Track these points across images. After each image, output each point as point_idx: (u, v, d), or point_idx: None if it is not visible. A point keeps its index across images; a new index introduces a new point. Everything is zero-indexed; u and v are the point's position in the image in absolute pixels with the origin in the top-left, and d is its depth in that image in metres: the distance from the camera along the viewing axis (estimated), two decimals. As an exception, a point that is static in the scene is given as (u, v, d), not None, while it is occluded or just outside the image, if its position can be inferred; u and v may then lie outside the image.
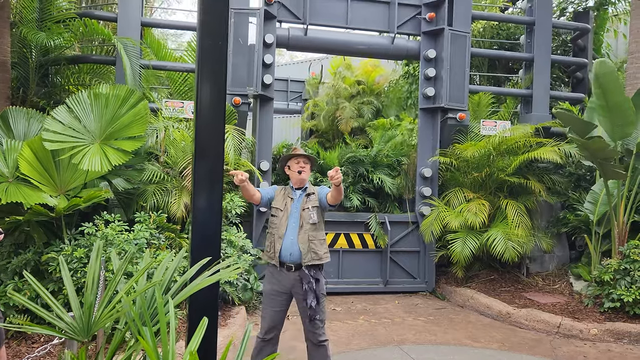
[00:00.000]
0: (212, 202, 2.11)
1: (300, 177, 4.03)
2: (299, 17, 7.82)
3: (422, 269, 8.16)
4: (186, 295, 1.74)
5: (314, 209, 4.04)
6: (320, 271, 4.03)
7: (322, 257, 4.01)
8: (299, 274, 3.95)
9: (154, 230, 5.72)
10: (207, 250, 2.08)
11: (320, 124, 13.30)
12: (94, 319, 1.60)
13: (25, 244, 5.30)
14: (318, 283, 3.97)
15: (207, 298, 2.02)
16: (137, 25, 7.26)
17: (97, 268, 1.76)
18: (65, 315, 1.61)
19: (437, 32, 8.10)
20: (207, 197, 2.09)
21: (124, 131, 5.95)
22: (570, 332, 6.22)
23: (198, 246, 2.09)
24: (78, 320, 1.62)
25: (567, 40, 10.07)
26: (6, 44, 6.41)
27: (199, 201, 2.11)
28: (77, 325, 1.60)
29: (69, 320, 1.60)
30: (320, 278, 4.01)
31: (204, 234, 2.11)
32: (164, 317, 1.49)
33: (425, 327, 6.46)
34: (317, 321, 4.02)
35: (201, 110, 2.11)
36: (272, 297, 4.08)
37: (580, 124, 6.66)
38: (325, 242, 4.11)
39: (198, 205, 2.11)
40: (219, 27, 2.10)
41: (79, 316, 1.62)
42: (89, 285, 1.69)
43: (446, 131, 8.13)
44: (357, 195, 8.24)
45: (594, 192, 7.46)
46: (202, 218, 2.11)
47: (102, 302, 1.67)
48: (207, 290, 2.00)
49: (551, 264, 8.35)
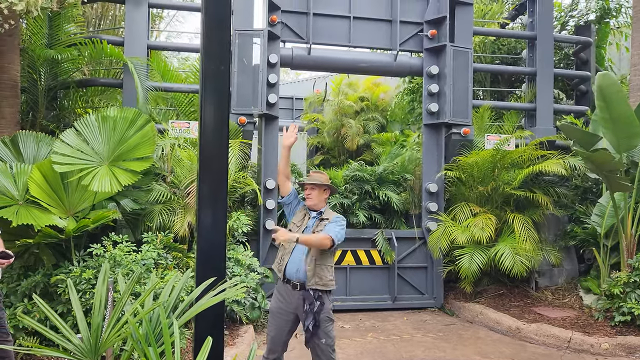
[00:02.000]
0: (217, 221, 2.14)
1: (307, 203, 4.14)
2: (302, 37, 7.93)
3: (430, 284, 8.13)
4: (191, 316, 1.76)
5: None
6: (327, 295, 4.00)
7: (327, 284, 3.97)
8: (302, 294, 3.93)
9: (161, 250, 5.76)
10: (212, 269, 2.11)
11: (325, 140, 13.37)
12: (101, 340, 1.63)
13: (34, 266, 5.35)
14: (322, 307, 3.93)
15: (213, 317, 2.04)
16: (144, 48, 7.39)
17: (104, 290, 1.80)
18: (73, 337, 1.64)
19: (439, 48, 8.17)
20: (212, 217, 2.13)
21: (132, 152, 6.03)
22: (581, 347, 6.16)
23: (203, 266, 2.11)
24: (86, 341, 1.65)
25: (569, 54, 10.12)
26: (16, 70, 6.54)
27: (203, 221, 2.14)
28: (85, 347, 1.63)
29: (77, 342, 1.63)
30: (325, 302, 3.97)
31: (209, 254, 2.14)
32: (168, 339, 1.52)
33: (435, 343, 6.41)
34: (326, 346, 3.95)
35: (205, 132, 2.15)
36: (277, 315, 4.09)
37: (584, 136, 6.68)
38: (332, 269, 4.07)
39: (203, 225, 2.14)
40: (221, 52, 2.16)
41: (87, 338, 1.65)
42: (96, 307, 1.73)
43: (451, 146, 8.16)
44: (364, 212, 8.25)
45: (600, 205, 7.44)
46: (207, 237, 2.14)
47: (110, 323, 1.71)
48: (213, 310, 2.02)
49: (560, 278, 8.29)
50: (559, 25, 10.57)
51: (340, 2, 8.08)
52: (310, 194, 4.11)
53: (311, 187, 4.12)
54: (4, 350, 3.77)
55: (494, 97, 10.31)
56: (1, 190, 5.27)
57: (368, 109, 13.69)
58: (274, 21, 7.60)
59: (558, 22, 10.55)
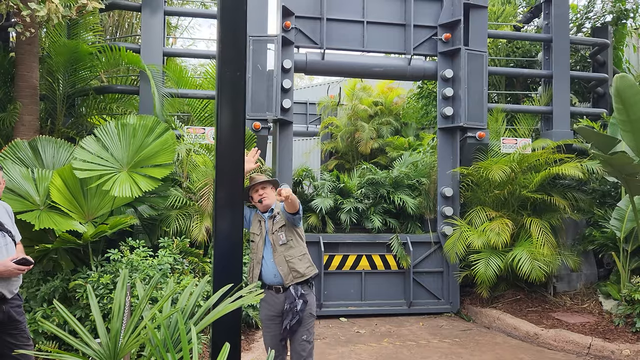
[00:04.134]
0: (233, 229, 2.15)
1: (263, 205, 4.05)
2: (315, 42, 7.95)
3: (446, 289, 8.07)
4: (209, 322, 1.77)
5: (282, 229, 3.99)
6: (310, 289, 4.01)
7: (305, 273, 3.95)
8: (285, 295, 3.92)
9: (177, 255, 5.79)
10: (228, 276, 2.12)
11: (339, 145, 13.38)
12: (120, 345, 1.64)
13: (53, 272, 5.42)
14: (305, 304, 3.92)
15: (230, 323, 2.05)
16: (159, 55, 7.47)
17: (122, 296, 1.82)
18: (92, 342, 1.66)
19: (454, 52, 8.14)
20: (228, 225, 2.14)
21: (152, 159, 6.09)
22: (601, 354, 6.06)
23: (220, 272, 2.13)
24: (105, 346, 1.66)
25: (585, 56, 10.01)
26: (35, 78, 6.65)
27: (220, 227, 2.15)
28: (104, 352, 1.65)
29: (96, 347, 1.65)
30: (308, 299, 3.97)
31: (226, 261, 2.15)
32: (186, 345, 1.52)
33: (451, 349, 6.36)
34: (304, 342, 3.93)
35: (221, 138, 2.17)
36: (268, 324, 4.04)
37: (603, 139, 6.59)
38: (307, 256, 4.05)
39: (219, 232, 2.15)
40: (237, 58, 2.17)
41: (106, 343, 1.67)
42: (115, 312, 1.74)
43: (466, 150, 8.11)
44: (378, 217, 8.23)
45: (619, 209, 7.32)
46: (223, 245, 2.15)
47: (128, 328, 1.72)
48: (230, 315, 2.03)
49: (579, 283, 8.16)
50: (574, 27, 10.47)
51: (354, 7, 8.10)
52: (263, 193, 4.04)
53: (262, 186, 4.05)
54: (24, 355, 3.82)
55: (509, 100, 10.23)
56: (23, 195, 5.36)
57: (382, 113, 13.69)
58: (287, 27, 7.64)
59: (574, 24, 10.45)
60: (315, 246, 7.72)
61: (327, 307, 7.67)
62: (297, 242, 4.03)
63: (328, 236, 7.90)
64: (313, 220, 8.05)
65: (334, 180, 8.88)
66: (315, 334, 6.90)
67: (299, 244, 4.05)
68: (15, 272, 3.52)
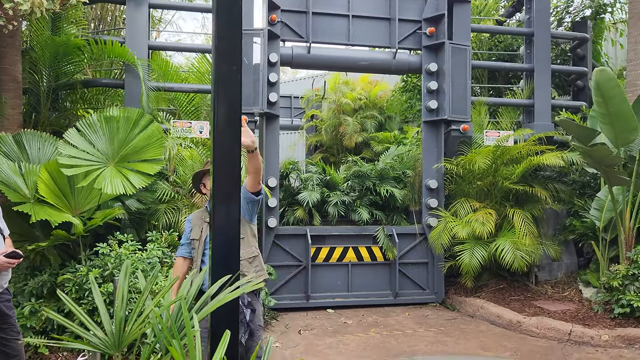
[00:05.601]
0: (231, 220, 2.20)
1: None
2: (301, 36, 7.99)
3: (432, 280, 8.21)
4: (210, 310, 1.83)
5: None
6: (256, 297, 3.52)
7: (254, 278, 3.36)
8: None
9: (166, 249, 5.82)
10: (226, 267, 2.17)
11: (324, 138, 13.43)
12: (125, 333, 1.69)
13: (41, 266, 5.40)
14: (254, 314, 3.44)
15: (229, 311, 2.10)
16: (145, 48, 7.42)
17: (126, 285, 1.86)
18: (98, 330, 1.71)
19: (438, 46, 8.24)
20: (226, 216, 2.18)
21: (139, 154, 6.08)
22: (581, 339, 6.24)
23: (218, 264, 2.17)
24: (110, 335, 1.71)
25: (566, 50, 10.20)
26: (18, 71, 6.58)
27: (218, 220, 2.20)
28: (110, 340, 1.69)
29: (102, 335, 1.69)
30: (256, 307, 3.50)
31: (224, 252, 2.19)
32: (190, 330, 1.58)
33: (437, 338, 6.49)
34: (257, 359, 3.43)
35: (218, 133, 2.21)
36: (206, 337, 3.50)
37: (583, 131, 6.76)
38: (258, 258, 3.58)
39: (217, 225, 2.20)
40: (233, 52, 2.21)
41: (111, 331, 1.71)
42: (119, 301, 1.79)
43: (450, 143, 8.23)
44: (365, 209, 8.32)
45: (599, 199, 7.52)
46: (222, 236, 2.20)
47: (132, 316, 1.77)
48: (229, 304, 2.09)
49: (560, 272, 8.37)
50: (555, 21, 10.65)
51: (340, 1, 8.14)
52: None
53: None
54: (15, 349, 3.83)
55: (492, 93, 10.38)
56: (14, 188, 5.33)
57: (366, 107, 13.76)
58: (273, 20, 7.65)
59: (554, 18, 10.64)
60: (302, 239, 7.80)
61: (314, 298, 7.76)
62: (249, 241, 3.55)
63: (315, 229, 7.98)
64: (300, 213, 8.11)
65: (320, 173, 8.95)
66: (304, 325, 7.03)
67: (251, 245, 3.56)
68: (6, 265, 3.53)
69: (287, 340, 6.30)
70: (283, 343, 6.19)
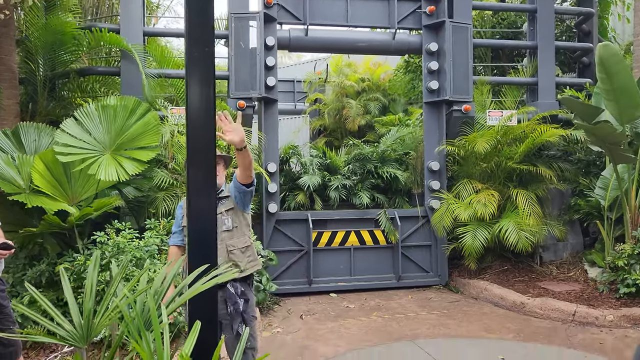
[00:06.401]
0: (206, 209, 2.15)
1: None
2: (299, 18, 7.86)
3: (435, 262, 8.16)
4: (183, 301, 1.79)
5: (229, 212, 3.44)
6: (249, 287, 3.46)
7: (246, 268, 3.41)
8: (221, 294, 3.28)
9: (164, 236, 5.80)
10: (203, 256, 2.12)
11: (327, 122, 13.32)
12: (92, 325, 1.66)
13: (39, 256, 5.42)
14: (247, 303, 3.38)
15: (205, 302, 2.06)
16: (140, 35, 7.34)
17: (94, 276, 1.82)
18: (65, 323, 1.67)
19: (438, 25, 8.08)
20: (202, 205, 2.13)
21: (135, 141, 6.04)
22: (585, 320, 6.18)
23: (195, 253, 2.13)
24: (78, 327, 1.67)
25: (571, 26, 9.98)
26: (13, 61, 6.54)
27: (194, 209, 2.15)
28: (77, 333, 1.66)
29: (69, 327, 1.66)
30: (249, 297, 3.44)
31: (200, 241, 2.15)
32: (157, 323, 1.54)
33: (439, 320, 6.46)
34: (248, 349, 3.39)
35: (192, 117, 2.15)
36: None
37: (586, 109, 6.62)
38: (252, 248, 3.51)
39: (193, 214, 2.15)
40: (205, 34, 2.14)
41: (79, 323, 1.68)
42: (87, 292, 1.75)
43: (452, 124, 8.11)
44: (366, 193, 8.25)
45: (604, 178, 7.39)
46: (198, 225, 2.15)
47: (100, 308, 1.73)
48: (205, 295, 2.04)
49: (565, 252, 8.28)
50: (560, -4, 10.41)
51: (337, -19, 7.98)
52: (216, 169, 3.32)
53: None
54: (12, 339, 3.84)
55: (495, 72, 10.20)
56: (8, 179, 5.33)
57: (369, 90, 13.60)
58: (269, 3, 7.52)
59: (559, -6, 10.39)
60: (303, 223, 7.76)
61: (316, 283, 7.74)
62: (242, 230, 3.49)
63: (316, 213, 7.93)
64: (301, 197, 8.06)
65: (321, 157, 8.88)
66: (306, 309, 7.02)
67: (245, 234, 3.49)
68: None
69: (288, 325, 6.30)
70: (284, 328, 6.19)
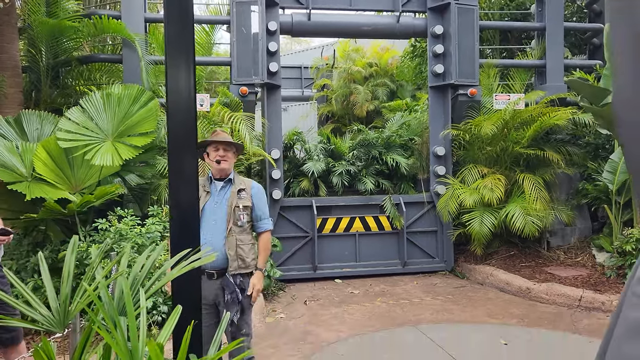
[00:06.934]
0: (188, 192, 2.13)
1: (219, 167, 3.44)
2: (301, 2, 7.77)
3: (440, 248, 8.11)
4: (161, 285, 1.77)
5: (246, 209, 3.45)
6: (248, 277, 3.45)
7: (249, 265, 3.42)
8: (221, 282, 3.35)
9: (166, 223, 5.81)
10: (186, 240, 2.11)
11: (334, 108, 13.24)
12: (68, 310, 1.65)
13: (43, 243, 5.47)
14: (244, 293, 3.40)
15: (186, 286, 2.05)
16: (141, 21, 7.31)
17: (72, 260, 1.82)
18: (42, 308, 1.67)
19: (444, 7, 7.94)
20: (183, 188, 2.12)
21: (136, 128, 6.06)
22: (592, 305, 6.12)
23: (177, 237, 2.12)
24: (55, 312, 1.67)
25: (582, 6, 9.75)
26: (15, 49, 6.55)
27: (175, 193, 2.13)
28: (54, 318, 1.65)
29: (46, 312, 1.66)
30: (247, 287, 3.43)
31: (183, 225, 2.13)
32: (132, 308, 1.52)
33: (444, 306, 6.43)
34: (242, 335, 3.42)
35: (172, 102, 2.12)
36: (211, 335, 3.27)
37: (594, 91, 6.49)
38: (255, 246, 3.54)
39: (175, 197, 2.14)
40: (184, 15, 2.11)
41: (56, 308, 1.68)
42: (65, 277, 1.75)
43: (458, 108, 8.01)
44: (371, 179, 8.20)
45: (612, 161, 7.26)
46: (180, 209, 2.14)
47: (77, 294, 1.73)
48: (188, 280, 2.03)
49: (572, 237, 8.18)
50: (570, -24, 10.17)
51: (340, -36, 7.87)
52: (226, 155, 3.45)
53: (225, 147, 3.48)
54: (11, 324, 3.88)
55: (504, 55, 10.03)
56: (10, 167, 5.36)
57: (377, 75, 13.47)
58: (271, -13, 7.44)
59: (569, -27, 10.15)
60: (308, 210, 7.75)
61: (321, 269, 7.74)
62: (250, 230, 3.54)
63: (321, 199, 7.91)
64: (305, 184, 8.04)
65: (325, 143, 8.83)
66: (310, 295, 7.03)
67: (250, 232, 3.55)
68: (-4, 242, 3.54)
69: (291, 311, 6.31)
70: (287, 314, 6.20)
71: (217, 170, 3.48)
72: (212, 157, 3.46)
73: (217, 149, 3.47)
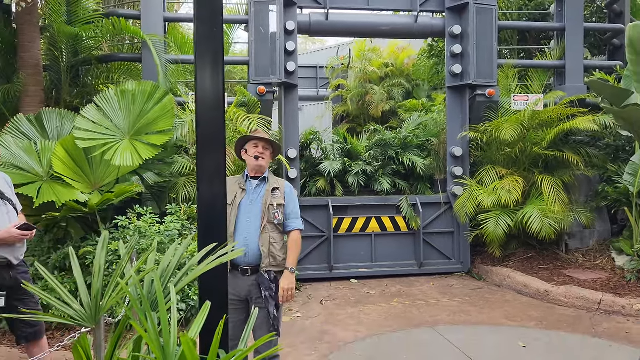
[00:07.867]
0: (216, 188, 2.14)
1: (257, 163, 3.46)
2: (319, 2, 7.77)
3: (457, 249, 8.06)
4: (190, 280, 1.78)
5: (280, 207, 3.49)
6: (280, 276, 3.47)
7: (280, 264, 3.45)
8: (255, 279, 3.40)
9: (185, 221, 5.86)
10: (213, 235, 2.12)
11: (350, 108, 13.22)
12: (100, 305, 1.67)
13: (64, 240, 5.53)
14: (277, 289, 3.43)
15: (214, 282, 2.06)
16: (160, 21, 7.37)
17: (102, 256, 1.83)
18: (74, 303, 1.69)
19: (462, 7, 7.89)
20: (211, 186, 2.12)
21: (152, 126, 6.11)
22: (612, 309, 6.03)
23: (204, 232, 2.13)
24: (87, 307, 1.69)
25: (602, 7, 9.63)
26: (37, 48, 6.64)
27: (203, 191, 2.14)
28: (86, 313, 1.67)
29: (78, 307, 1.67)
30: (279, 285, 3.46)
31: (210, 220, 2.14)
32: (163, 303, 1.53)
33: (460, 307, 6.39)
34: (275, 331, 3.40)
35: (202, 100, 2.13)
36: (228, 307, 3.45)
37: (615, 92, 6.39)
38: (285, 246, 3.56)
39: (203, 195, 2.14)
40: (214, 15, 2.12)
41: (87, 303, 1.69)
42: (96, 273, 1.76)
43: (476, 108, 7.95)
44: (387, 179, 8.18)
45: (633, 163, 7.15)
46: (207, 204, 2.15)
47: (109, 288, 1.74)
48: (213, 275, 2.04)
49: (592, 240, 8.07)
50: (590, -24, 10.05)
51: (358, -37, 7.86)
52: (265, 153, 3.49)
53: (265, 145, 3.51)
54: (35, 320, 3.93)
55: (522, 55, 9.94)
56: (24, 168, 5.42)
57: (393, 75, 13.42)
58: (289, -13, 7.46)
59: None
60: (324, 209, 7.74)
61: (337, 269, 7.74)
62: (281, 229, 3.57)
63: (337, 199, 7.90)
64: (321, 183, 8.04)
65: (342, 143, 8.82)
66: (326, 295, 7.03)
67: (282, 233, 3.58)
68: (19, 237, 3.58)
69: (308, 310, 6.32)
70: (304, 313, 6.21)
71: (253, 166, 3.50)
72: (251, 152, 3.49)
73: (257, 146, 3.50)
